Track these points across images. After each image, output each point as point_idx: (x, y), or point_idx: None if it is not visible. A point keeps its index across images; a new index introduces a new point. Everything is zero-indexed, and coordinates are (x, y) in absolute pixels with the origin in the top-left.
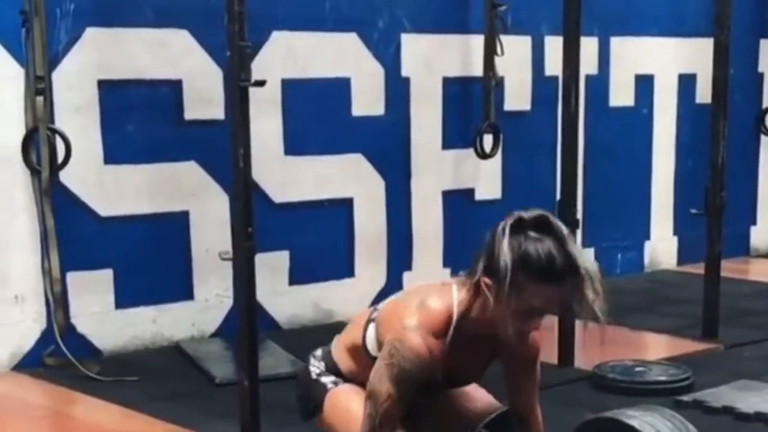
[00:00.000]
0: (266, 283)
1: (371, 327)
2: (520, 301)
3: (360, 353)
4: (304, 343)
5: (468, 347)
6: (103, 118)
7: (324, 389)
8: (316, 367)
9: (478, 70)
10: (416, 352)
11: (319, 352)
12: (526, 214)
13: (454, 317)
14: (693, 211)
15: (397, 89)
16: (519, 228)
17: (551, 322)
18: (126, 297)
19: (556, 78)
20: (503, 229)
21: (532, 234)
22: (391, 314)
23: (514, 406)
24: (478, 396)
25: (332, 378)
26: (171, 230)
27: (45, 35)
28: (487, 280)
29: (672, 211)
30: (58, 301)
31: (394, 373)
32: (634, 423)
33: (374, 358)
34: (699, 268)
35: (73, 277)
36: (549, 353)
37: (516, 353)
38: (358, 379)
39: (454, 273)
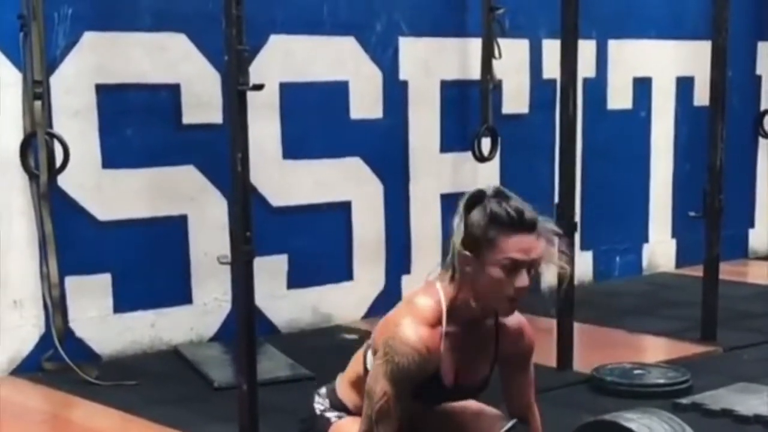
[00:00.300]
0: (265, 287)
1: (369, 353)
2: (499, 257)
3: (362, 381)
4: (303, 346)
5: (467, 341)
6: (101, 123)
7: (328, 423)
8: (320, 404)
9: (476, 74)
10: (410, 345)
11: (323, 390)
12: (484, 188)
13: (444, 306)
14: (691, 213)
15: (395, 92)
16: (481, 198)
17: (550, 324)
18: (124, 301)
19: (553, 81)
20: (466, 202)
21: (494, 199)
22: (381, 327)
23: (511, 406)
24: (485, 411)
25: (337, 413)
26: (169, 234)
27: (43, 39)
28: (465, 253)
29: (670, 214)
30: (56, 306)
31: (388, 369)
32: (632, 426)
33: None
34: (697, 271)
35: (71, 282)
36: (548, 356)
37: (513, 349)
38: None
39: None
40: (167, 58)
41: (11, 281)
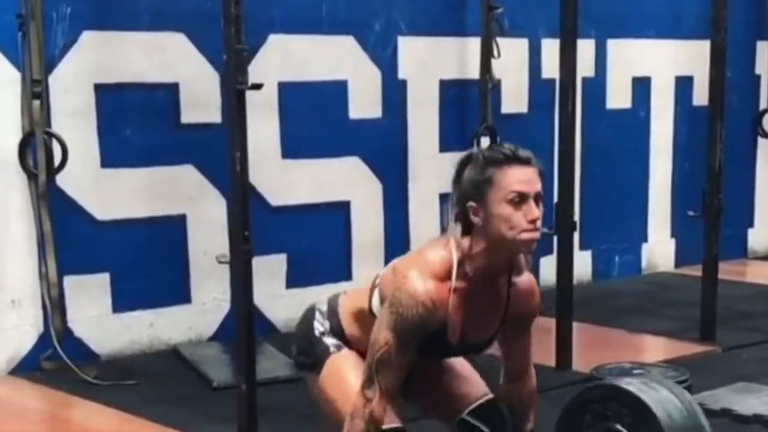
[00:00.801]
0: (263, 287)
1: (375, 292)
2: (503, 193)
3: (366, 318)
4: None
5: (479, 299)
6: (99, 122)
7: (326, 351)
8: (320, 324)
9: (474, 73)
10: (416, 298)
11: (324, 307)
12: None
13: (455, 259)
14: (690, 213)
15: (394, 92)
16: (471, 156)
17: (549, 324)
18: (123, 301)
19: (553, 80)
20: (459, 162)
21: (485, 149)
22: (391, 273)
23: (510, 368)
24: (472, 381)
25: (335, 341)
26: (168, 234)
27: (42, 39)
28: (470, 203)
29: (669, 214)
30: (55, 305)
31: (392, 320)
32: (645, 398)
33: None
34: (696, 271)
35: (70, 281)
36: (547, 356)
37: (522, 308)
38: (362, 343)
39: None
40: (166, 58)
41: (10, 281)
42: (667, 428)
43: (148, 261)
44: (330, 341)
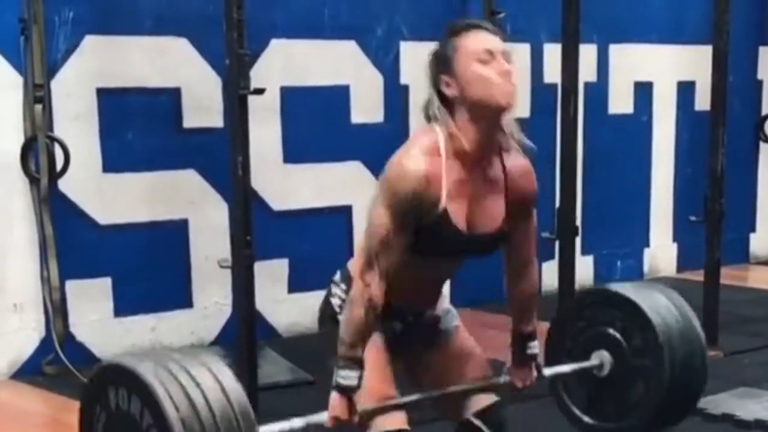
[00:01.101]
0: (265, 291)
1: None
2: (470, 56)
3: None
4: (303, 351)
5: (476, 183)
6: (102, 126)
7: None
8: (338, 297)
9: None
10: (407, 173)
11: (337, 276)
12: None
13: (441, 136)
14: (692, 218)
15: (396, 97)
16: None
17: (545, 328)
18: (125, 305)
19: (555, 85)
20: (431, 54)
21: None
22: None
23: (512, 262)
24: (479, 377)
25: None
26: (170, 238)
27: (44, 43)
28: (443, 77)
29: (671, 218)
30: (57, 310)
31: (387, 197)
32: (639, 302)
33: None
34: (698, 275)
35: (71, 286)
36: None
37: (521, 191)
38: None
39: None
40: (168, 62)
41: (12, 285)
42: (661, 333)
43: (150, 265)
44: None
